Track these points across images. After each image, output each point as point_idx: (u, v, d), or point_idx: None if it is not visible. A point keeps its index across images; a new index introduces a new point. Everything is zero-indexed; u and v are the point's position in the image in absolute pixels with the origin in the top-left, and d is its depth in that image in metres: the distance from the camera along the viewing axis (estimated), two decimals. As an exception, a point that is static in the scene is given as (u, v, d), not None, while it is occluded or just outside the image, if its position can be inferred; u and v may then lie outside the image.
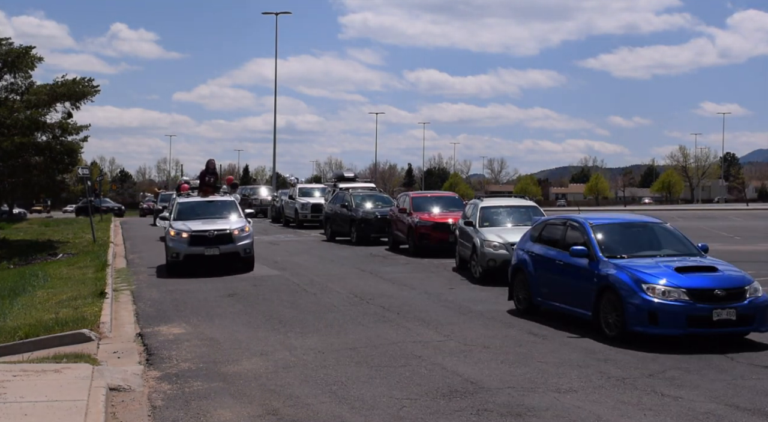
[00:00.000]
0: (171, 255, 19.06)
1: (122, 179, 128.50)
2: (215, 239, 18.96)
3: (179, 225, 19.26)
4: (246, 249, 19.16)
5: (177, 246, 18.94)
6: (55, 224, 47.69)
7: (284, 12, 70.91)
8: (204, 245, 18.85)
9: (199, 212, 20.26)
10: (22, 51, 31.73)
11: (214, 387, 8.57)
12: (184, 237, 18.89)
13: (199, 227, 19.12)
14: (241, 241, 19.13)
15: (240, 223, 19.60)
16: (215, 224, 19.47)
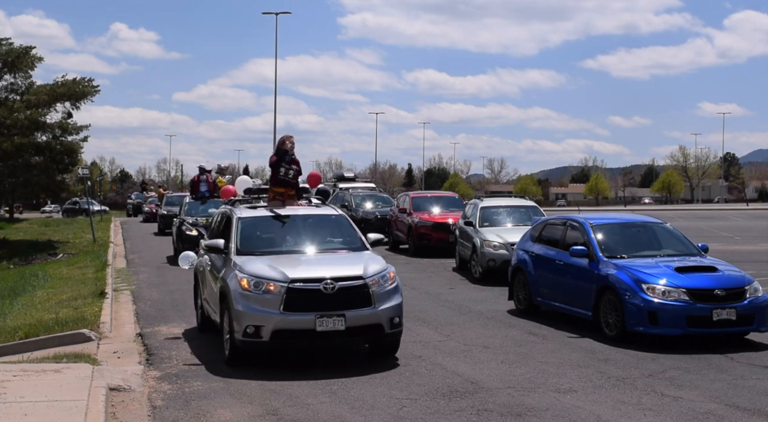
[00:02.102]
0: (244, 330, 9.17)
1: (122, 179, 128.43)
2: (335, 296, 9.24)
3: (254, 266, 9.58)
4: (393, 318, 9.52)
5: (254, 311, 9.20)
6: (55, 224, 47.69)
7: (284, 12, 71.14)
8: (340, 306, 9.24)
9: (284, 240, 10.58)
10: (22, 51, 31.77)
11: (214, 387, 8.57)
12: (272, 291, 9.21)
13: (299, 270, 9.52)
14: (385, 302, 9.48)
15: (376, 264, 9.83)
16: (327, 265, 9.81)
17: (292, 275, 9.25)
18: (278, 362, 9.61)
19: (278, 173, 11.32)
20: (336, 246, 10.58)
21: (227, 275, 9.67)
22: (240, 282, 9.34)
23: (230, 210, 11.10)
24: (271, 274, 9.31)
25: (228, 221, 10.91)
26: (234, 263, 9.72)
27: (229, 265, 9.86)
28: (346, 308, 9.19)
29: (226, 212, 11.37)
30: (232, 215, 10.78)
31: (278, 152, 11.59)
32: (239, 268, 9.55)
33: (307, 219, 11.05)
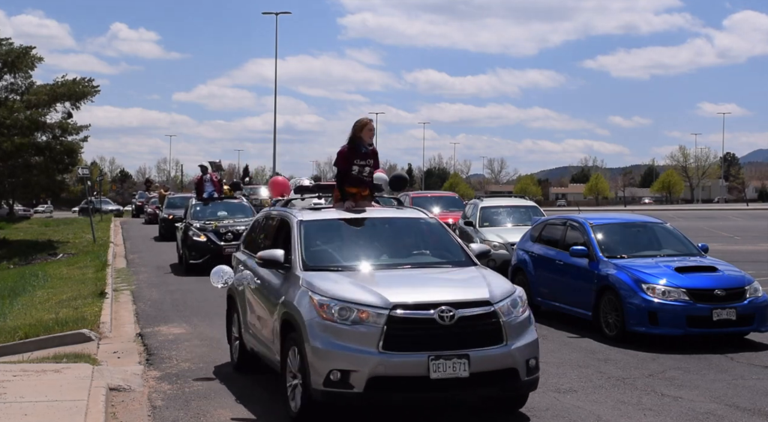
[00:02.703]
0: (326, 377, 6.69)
1: (122, 179, 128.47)
2: (454, 329, 6.73)
3: (334, 286, 7.12)
4: (530, 360, 7.03)
5: (341, 350, 6.70)
6: (55, 224, 47.69)
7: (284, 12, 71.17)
8: (461, 344, 6.71)
9: (362, 250, 8.09)
10: (22, 51, 31.78)
11: (214, 387, 8.57)
12: (366, 321, 6.71)
13: (402, 292, 6.95)
14: (519, 337, 6.97)
15: (501, 284, 7.39)
16: (438, 285, 7.39)
17: (393, 298, 6.65)
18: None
19: (351, 170, 8.64)
20: (433, 260, 8.02)
21: (294, 298, 7.14)
22: (317, 308, 6.79)
23: (285, 212, 8.58)
24: (362, 297, 6.74)
25: (283, 226, 8.43)
26: (302, 282, 7.20)
27: (293, 284, 7.34)
28: (470, 347, 6.63)
29: (278, 215, 8.81)
30: (289, 219, 8.24)
31: (353, 140, 8.71)
32: (313, 288, 7.01)
33: (390, 224, 8.55)
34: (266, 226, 9.29)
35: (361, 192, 8.72)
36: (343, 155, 8.73)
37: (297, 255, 7.67)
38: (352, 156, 8.67)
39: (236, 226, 19.58)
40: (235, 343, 9.36)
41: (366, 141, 8.69)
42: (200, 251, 19.23)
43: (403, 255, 8.03)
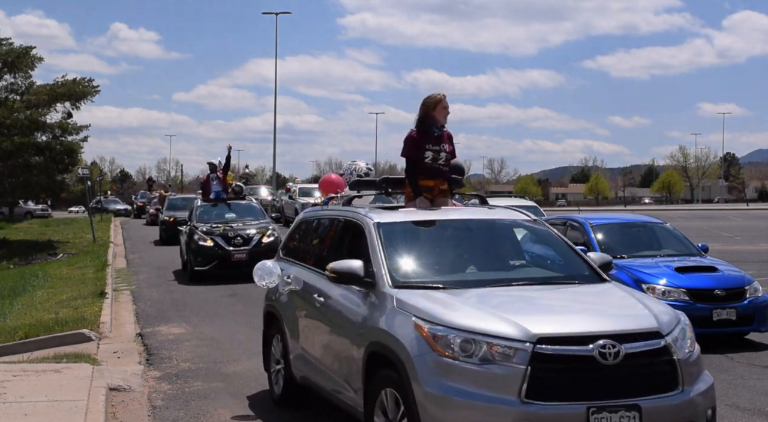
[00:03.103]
0: None
1: (122, 179, 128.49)
2: (620, 370, 5.02)
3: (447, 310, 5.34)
4: (708, 410, 5.34)
5: (466, 398, 4.97)
6: (55, 224, 47.70)
7: (284, 12, 71.33)
8: (628, 390, 5.01)
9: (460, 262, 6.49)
10: (22, 51, 31.76)
11: (214, 387, 8.57)
12: (499, 359, 5.01)
13: (545, 320, 5.26)
14: (696, 380, 5.34)
15: (663, 310, 5.59)
16: (585, 312, 5.60)
17: (535, 328, 5.03)
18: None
19: (424, 158, 7.20)
20: (552, 274, 6.48)
21: (387, 324, 5.54)
22: (428, 340, 5.15)
23: (353, 212, 6.91)
24: (491, 326, 5.10)
25: (349, 229, 6.89)
26: (396, 302, 5.61)
27: (381, 305, 5.76)
28: (640, 394, 5.00)
29: (340, 215, 7.23)
30: (361, 220, 6.61)
31: (423, 121, 7.21)
32: (417, 312, 5.36)
33: (487, 228, 6.89)
34: (320, 230, 7.68)
35: (438, 185, 7.24)
36: (412, 141, 7.17)
37: (381, 268, 5.98)
38: (423, 141, 7.16)
39: (246, 229, 18.10)
40: (276, 370, 7.80)
41: (439, 122, 7.20)
42: (207, 257, 17.52)
43: (507, 268, 6.47)
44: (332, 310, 6.53)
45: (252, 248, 17.60)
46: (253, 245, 17.69)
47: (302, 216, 8.37)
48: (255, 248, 17.52)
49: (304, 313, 7.18)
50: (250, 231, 18.00)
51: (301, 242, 8.13)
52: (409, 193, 7.30)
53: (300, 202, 36.01)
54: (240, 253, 17.58)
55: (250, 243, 17.77)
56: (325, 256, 7.07)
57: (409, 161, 7.21)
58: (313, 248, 7.70)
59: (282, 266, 7.78)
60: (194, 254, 17.67)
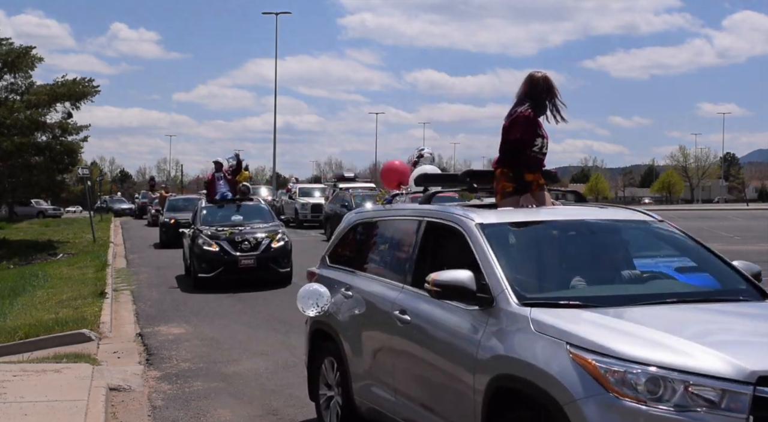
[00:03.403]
0: None
1: (122, 179, 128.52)
2: None
3: (611, 337, 4.07)
4: None
5: None
6: (55, 224, 47.72)
7: (284, 12, 71.31)
8: None
9: (583, 272, 5.14)
10: (22, 51, 31.78)
11: (214, 387, 8.57)
12: (706, 403, 3.69)
13: (759, 354, 3.90)
14: None
15: None
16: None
17: (753, 363, 3.78)
18: (278, 360, 9.56)
19: (533, 145, 5.97)
20: (704, 289, 5.39)
21: (520, 352, 4.34)
22: (597, 376, 3.92)
23: (443, 211, 5.58)
24: (687, 360, 3.85)
25: (440, 233, 5.60)
26: (535, 325, 4.38)
27: (507, 327, 4.53)
28: None
29: (421, 214, 5.85)
30: (458, 221, 5.33)
31: (527, 97, 5.98)
32: (569, 337, 4.15)
33: (608, 230, 5.70)
34: (390, 233, 6.37)
35: (537, 180, 6.02)
36: (528, 122, 5.91)
37: (500, 280, 4.73)
38: (535, 124, 5.97)
39: (255, 233, 16.81)
40: (328, 397, 6.73)
41: (544, 103, 6.04)
42: (212, 262, 16.25)
43: (641, 279, 5.49)
44: (426, 332, 5.21)
45: (260, 253, 16.43)
46: (262, 251, 16.48)
47: (357, 217, 7.08)
48: (264, 254, 16.43)
49: (376, 334, 5.90)
50: (259, 235, 16.76)
51: (360, 248, 6.84)
52: (502, 188, 5.95)
53: (300, 202, 36.11)
54: (248, 259, 16.36)
55: (259, 248, 16.51)
56: (403, 265, 5.84)
57: (515, 148, 5.91)
58: (383, 256, 6.39)
59: (332, 276, 6.78)
60: (198, 259, 16.45)
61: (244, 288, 15.48)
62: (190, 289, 16.33)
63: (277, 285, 16.04)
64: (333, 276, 6.79)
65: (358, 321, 6.18)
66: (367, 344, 6.03)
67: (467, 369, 4.69)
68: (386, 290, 5.89)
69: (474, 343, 4.68)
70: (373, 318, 5.97)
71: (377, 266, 6.39)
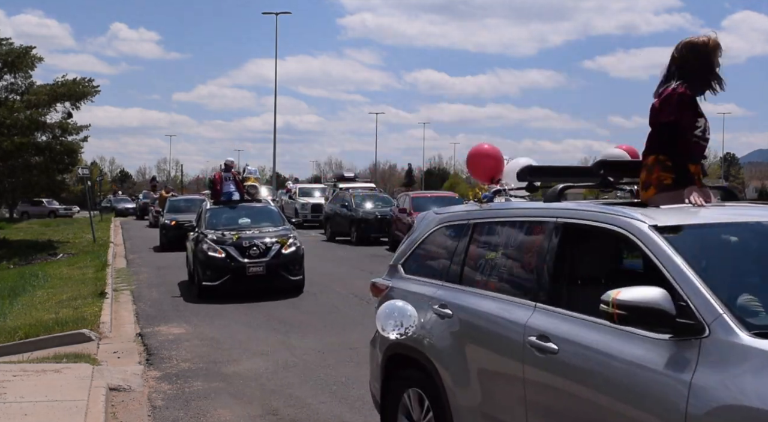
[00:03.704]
0: None
1: (122, 179, 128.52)
2: None
3: None
4: None
5: None
6: (55, 224, 47.73)
7: (284, 12, 71.31)
8: None
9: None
10: (22, 51, 31.78)
11: (214, 387, 8.57)
12: None
13: None
14: None
15: None
16: None
17: None
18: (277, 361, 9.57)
19: (696, 126, 4.91)
20: None
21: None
22: None
23: (602, 214, 4.35)
24: None
25: (588, 238, 4.63)
26: None
27: (732, 365, 3.36)
28: None
29: (566, 219, 4.59)
30: (621, 224, 4.21)
31: (680, 69, 4.85)
32: None
33: None
34: (499, 237, 5.13)
35: (698, 173, 4.95)
36: (683, 101, 4.80)
37: (710, 302, 3.60)
38: (694, 103, 4.89)
39: (263, 238, 15.59)
40: None
41: (713, 74, 4.87)
42: (217, 270, 15.06)
43: None
44: (588, 366, 3.97)
45: (270, 259, 15.21)
46: (272, 257, 15.25)
47: (442, 218, 5.86)
48: (273, 260, 15.24)
49: (495, 363, 4.70)
50: (268, 240, 15.52)
51: (454, 255, 5.47)
52: (664, 179, 4.78)
53: (300, 202, 36.14)
54: (256, 266, 15.11)
55: (268, 254, 15.27)
56: (530, 278, 4.66)
57: (670, 131, 4.81)
58: (494, 267, 5.07)
59: (413, 289, 5.66)
60: (202, 266, 15.23)
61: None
62: (191, 289, 16.29)
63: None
64: (415, 289, 5.62)
65: (463, 345, 4.95)
66: (479, 375, 4.81)
67: (670, 418, 3.46)
68: (508, 310, 4.65)
69: (681, 386, 3.45)
70: (491, 343, 4.74)
71: (486, 278, 5.11)
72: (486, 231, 5.33)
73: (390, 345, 5.55)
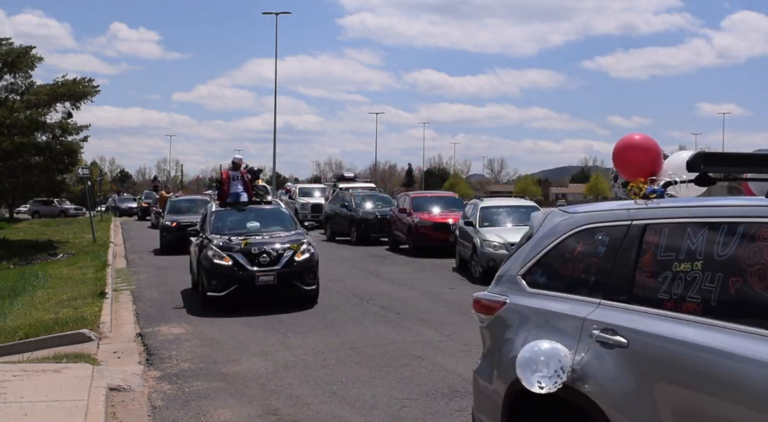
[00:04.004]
0: None
1: (122, 179, 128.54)
2: None
3: None
4: None
5: None
6: (55, 223, 47.72)
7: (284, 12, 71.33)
8: None
9: None
10: (22, 51, 31.78)
11: (214, 387, 8.57)
12: None
13: None
14: None
15: None
16: None
17: None
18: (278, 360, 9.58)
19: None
20: None
21: None
22: None
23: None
24: None
25: None
26: None
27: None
28: None
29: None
30: None
31: None
32: None
33: None
34: (690, 243, 3.88)
35: None
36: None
37: None
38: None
39: (274, 243, 14.09)
40: None
41: None
42: (224, 279, 13.60)
43: None
44: None
45: (282, 268, 13.73)
46: (284, 265, 13.76)
47: (583, 219, 4.71)
48: (285, 269, 13.76)
49: (726, 414, 3.42)
50: (279, 246, 14.03)
51: (616, 266, 4.25)
52: None
53: (300, 202, 36.14)
54: (267, 275, 13.63)
55: (280, 262, 13.77)
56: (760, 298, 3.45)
57: None
58: (687, 282, 3.81)
59: (546, 307, 4.57)
60: (208, 274, 13.77)
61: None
62: (191, 289, 16.29)
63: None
64: (556, 309, 4.48)
65: (651, 387, 3.77)
66: None
67: None
68: (741, 344, 3.40)
69: None
70: (709, 387, 3.49)
71: (678, 296, 3.83)
72: (668, 235, 4.05)
73: (506, 380, 4.52)
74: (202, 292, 14.14)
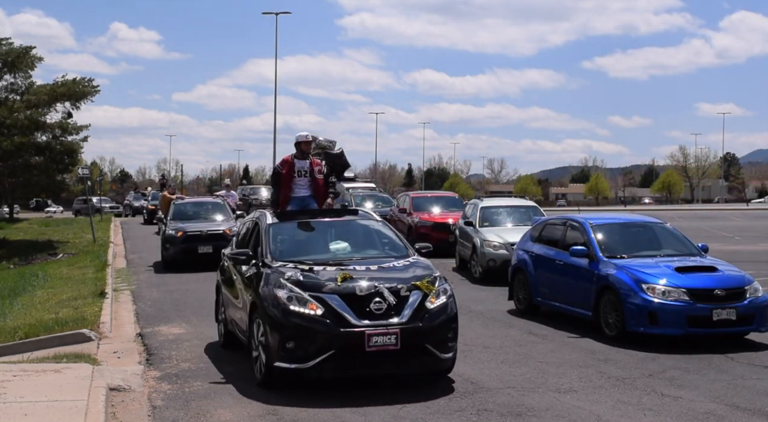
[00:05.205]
0: None
1: (122, 179, 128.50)
2: None
3: None
4: None
5: None
6: (56, 224, 47.68)
7: (284, 12, 71.26)
8: None
9: None
10: (22, 51, 31.79)
11: (214, 387, 8.57)
12: None
13: None
14: None
15: None
16: None
17: None
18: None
19: None
20: None
21: None
22: None
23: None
24: None
25: None
26: None
27: None
28: None
29: None
30: None
31: None
32: None
33: None
34: None
35: None
36: None
37: None
38: None
39: (390, 281, 8.35)
40: None
41: None
42: (310, 339, 7.95)
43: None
44: None
45: (407, 322, 8.09)
46: (410, 317, 8.12)
47: None
48: (412, 324, 8.10)
49: None
50: (399, 284, 8.33)
51: None
52: None
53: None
54: (384, 334, 7.94)
55: (402, 312, 8.13)
56: None
57: None
58: None
59: None
60: (278, 330, 8.05)
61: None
62: (190, 288, 16.27)
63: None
64: None
65: None
66: None
67: None
68: None
69: None
70: None
71: None
72: None
73: None
74: (267, 360, 8.26)
